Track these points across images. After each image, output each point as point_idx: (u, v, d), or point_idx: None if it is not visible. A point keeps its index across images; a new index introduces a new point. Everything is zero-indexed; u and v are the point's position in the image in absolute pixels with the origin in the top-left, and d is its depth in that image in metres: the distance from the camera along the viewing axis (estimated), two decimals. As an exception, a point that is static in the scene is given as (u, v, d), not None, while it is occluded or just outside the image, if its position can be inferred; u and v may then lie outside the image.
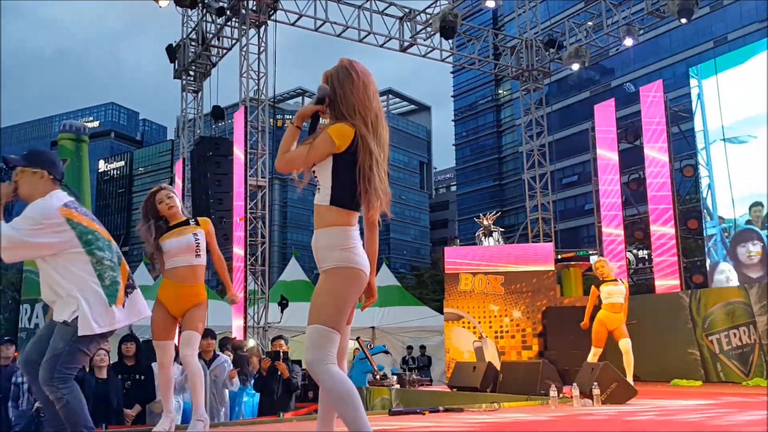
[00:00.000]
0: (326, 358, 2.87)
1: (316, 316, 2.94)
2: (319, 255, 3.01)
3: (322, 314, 2.93)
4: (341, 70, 3.10)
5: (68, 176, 10.33)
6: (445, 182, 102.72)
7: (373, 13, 16.71)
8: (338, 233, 2.99)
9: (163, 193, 4.84)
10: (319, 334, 2.90)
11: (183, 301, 4.66)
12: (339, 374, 2.88)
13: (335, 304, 2.95)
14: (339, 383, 2.85)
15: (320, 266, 3.01)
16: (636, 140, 15.40)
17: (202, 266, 4.78)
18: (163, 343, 4.68)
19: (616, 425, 5.36)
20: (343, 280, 2.96)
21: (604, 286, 8.66)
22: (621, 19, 16.95)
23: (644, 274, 15.86)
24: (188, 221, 4.86)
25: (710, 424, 5.25)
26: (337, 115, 3.06)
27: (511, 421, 5.70)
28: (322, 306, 2.95)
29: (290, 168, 3.08)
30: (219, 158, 14.40)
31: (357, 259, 2.99)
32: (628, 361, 8.21)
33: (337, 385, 2.84)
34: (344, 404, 2.82)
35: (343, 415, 2.84)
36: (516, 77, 19.45)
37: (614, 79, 53.16)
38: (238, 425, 5.76)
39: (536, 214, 18.15)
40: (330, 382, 2.85)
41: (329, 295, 2.96)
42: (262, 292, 14.44)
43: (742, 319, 10.39)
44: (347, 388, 2.84)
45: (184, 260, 4.70)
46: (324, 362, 2.87)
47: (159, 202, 4.81)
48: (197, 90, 17.90)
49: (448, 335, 12.01)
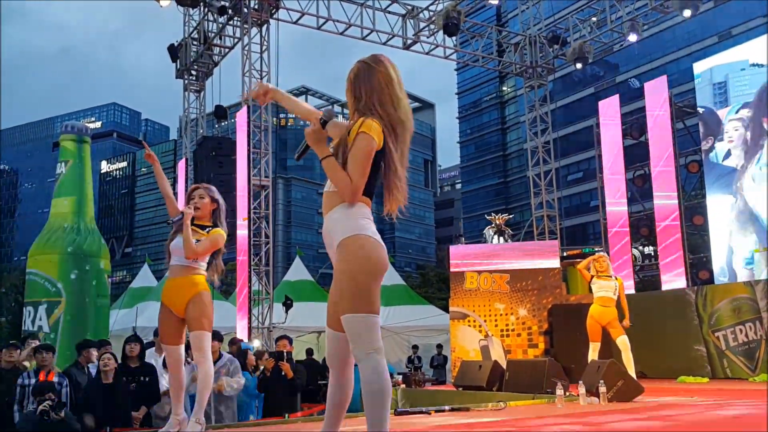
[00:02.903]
0: (372, 342, 2.72)
1: (347, 305, 2.75)
2: (334, 232, 2.86)
3: (353, 300, 2.74)
4: (363, 67, 3.03)
5: (70, 178, 10.33)
6: (450, 180, 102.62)
7: (376, 11, 16.68)
8: (358, 207, 2.88)
9: (196, 192, 4.91)
10: (356, 323, 2.74)
11: (180, 294, 4.63)
12: (381, 368, 2.73)
13: (359, 284, 2.76)
14: (377, 378, 2.71)
15: (335, 241, 2.86)
16: (641, 136, 15.34)
17: (200, 267, 4.75)
18: (170, 347, 4.66)
19: (623, 423, 5.31)
20: (359, 252, 2.78)
21: (598, 279, 8.60)
22: (625, 14, 16.89)
23: (650, 270, 15.80)
24: (208, 227, 4.85)
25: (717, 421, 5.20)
26: (361, 110, 2.96)
27: (517, 420, 5.66)
28: (349, 291, 2.77)
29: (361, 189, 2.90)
30: (222, 158, 14.38)
31: (375, 232, 2.86)
32: (628, 359, 8.12)
33: (375, 380, 2.70)
34: (374, 400, 2.70)
35: (369, 411, 2.72)
36: (520, 74, 19.40)
37: (619, 75, 52.96)
38: (242, 427, 5.73)
39: (541, 211, 18.10)
40: (368, 374, 2.71)
41: (348, 276, 2.78)
42: (266, 293, 14.41)
43: (749, 315, 10.33)
44: (385, 387, 2.71)
45: (180, 260, 4.71)
46: (370, 348, 2.71)
47: (191, 200, 4.86)
48: (199, 89, 17.88)
49: (454, 334, 11.96)
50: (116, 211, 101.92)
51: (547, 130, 18.56)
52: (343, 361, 2.95)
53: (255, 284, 14.21)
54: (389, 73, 3.01)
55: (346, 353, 2.89)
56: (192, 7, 16.41)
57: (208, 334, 4.66)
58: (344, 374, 2.99)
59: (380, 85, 2.97)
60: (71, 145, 10.46)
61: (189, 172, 16.69)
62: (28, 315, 9.80)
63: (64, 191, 10.32)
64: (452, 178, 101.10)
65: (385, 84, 2.98)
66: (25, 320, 9.88)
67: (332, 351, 2.98)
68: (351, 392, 3.03)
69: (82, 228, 10.11)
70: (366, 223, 2.87)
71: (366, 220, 2.88)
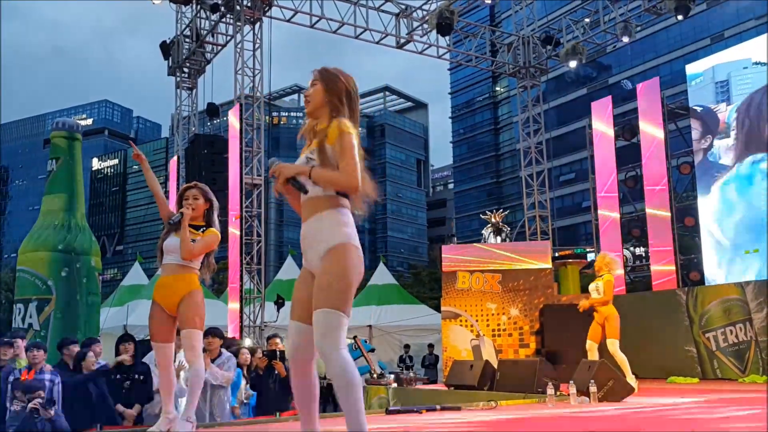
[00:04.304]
0: (338, 342, 2.82)
1: (324, 300, 2.87)
2: (321, 236, 2.98)
3: (331, 298, 2.87)
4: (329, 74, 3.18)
5: (61, 175, 10.27)
6: (443, 180, 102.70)
7: (369, 10, 16.65)
8: (343, 213, 3.03)
9: (190, 192, 4.87)
10: (330, 318, 2.85)
11: (173, 292, 4.61)
12: (350, 362, 2.83)
13: (343, 286, 2.90)
14: (350, 371, 2.81)
15: (320, 248, 2.97)
16: (633, 137, 15.37)
17: (193, 267, 4.74)
18: (160, 345, 4.62)
19: (613, 423, 5.32)
20: (349, 259, 2.93)
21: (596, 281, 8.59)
22: (618, 16, 16.93)
23: (641, 271, 15.85)
24: (202, 227, 4.83)
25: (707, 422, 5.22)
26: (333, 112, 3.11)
27: (508, 419, 5.67)
28: (328, 288, 2.89)
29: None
30: (214, 156, 14.36)
31: (357, 239, 3.01)
32: (621, 361, 8.09)
33: (348, 373, 2.80)
34: (349, 394, 2.79)
35: (345, 404, 2.80)
36: (513, 74, 19.42)
37: (611, 76, 53.14)
38: (234, 425, 5.71)
39: (534, 211, 18.13)
40: (341, 368, 2.80)
41: (336, 276, 2.91)
42: (258, 291, 14.39)
43: (739, 316, 10.38)
44: (357, 379, 2.81)
45: (175, 258, 4.68)
46: (336, 347, 2.81)
47: (185, 200, 4.83)
48: (192, 87, 17.83)
49: (446, 333, 11.96)
50: (107, 208, 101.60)
51: (540, 131, 18.58)
52: (311, 354, 3.03)
53: (247, 283, 14.18)
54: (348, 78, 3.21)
55: (313, 347, 2.97)
56: (184, 5, 16.37)
57: (199, 333, 4.65)
58: (309, 368, 3.07)
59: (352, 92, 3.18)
60: (62, 142, 10.40)
61: (181, 170, 16.64)
62: (18, 312, 9.74)
63: (55, 188, 10.26)
64: (445, 178, 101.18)
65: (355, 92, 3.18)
66: (15, 318, 9.82)
67: (299, 343, 3.05)
68: (318, 386, 3.10)
69: (72, 225, 10.06)
70: (353, 231, 3.03)
71: (352, 228, 3.03)
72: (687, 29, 44.24)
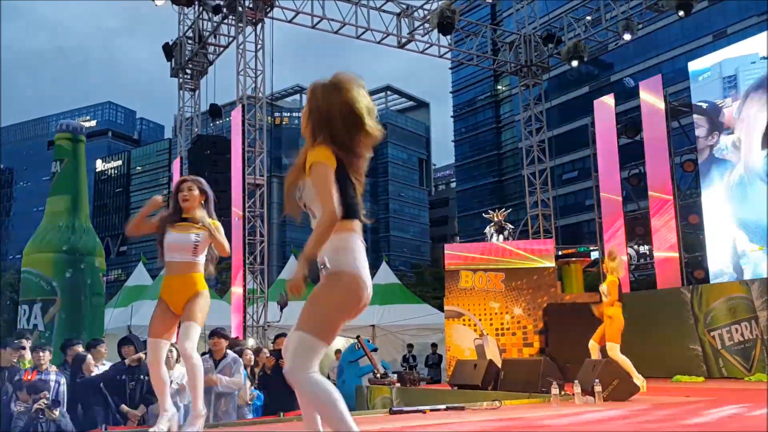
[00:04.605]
0: (307, 367, 2.77)
1: (304, 322, 2.83)
2: (324, 255, 2.90)
3: (311, 321, 2.82)
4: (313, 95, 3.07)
5: (65, 176, 10.30)
6: (445, 179, 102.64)
7: (371, 10, 16.65)
8: (346, 237, 2.92)
9: (184, 184, 4.84)
10: (303, 342, 2.80)
11: (180, 292, 4.61)
12: (319, 381, 2.78)
13: (327, 313, 2.85)
14: (320, 391, 2.77)
15: (323, 269, 2.91)
16: (636, 135, 15.33)
17: (200, 263, 4.73)
18: (155, 341, 4.57)
19: (618, 422, 5.31)
20: (341, 288, 2.85)
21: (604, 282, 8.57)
22: (620, 13, 16.91)
23: (645, 270, 15.80)
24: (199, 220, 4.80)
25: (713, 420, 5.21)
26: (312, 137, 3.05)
27: (512, 419, 5.66)
28: (312, 312, 2.85)
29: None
30: (216, 157, 14.38)
31: (359, 267, 2.89)
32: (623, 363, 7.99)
33: (318, 394, 2.77)
34: (328, 411, 2.76)
35: (328, 420, 2.78)
36: (515, 73, 19.40)
37: (613, 73, 53.01)
38: (237, 425, 5.72)
39: (536, 210, 18.11)
40: (310, 391, 2.78)
41: (323, 302, 2.85)
42: (261, 291, 14.39)
43: (744, 315, 10.35)
44: (328, 395, 2.75)
45: (181, 257, 4.68)
46: (303, 370, 2.77)
47: (179, 192, 4.81)
48: (194, 88, 17.84)
49: (449, 333, 11.96)
50: (111, 209, 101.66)
51: (542, 129, 18.56)
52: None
53: (250, 283, 14.19)
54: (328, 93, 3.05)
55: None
56: (187, 6, 16.37)
57: (198, 328, 4.62)
58: None
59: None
60: (66, 144, 10.44)
61: (184, 171, 16.67)
62: (23, 313, 9.77)
63: (59, 190, 10.30)
64: (447, 176, 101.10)
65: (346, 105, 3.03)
66: (20, 319, 9.85)
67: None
68: None
69: (77, 226, 10.09)
70: (352, 257, 2.89)
71: (353, 254, 2.90)
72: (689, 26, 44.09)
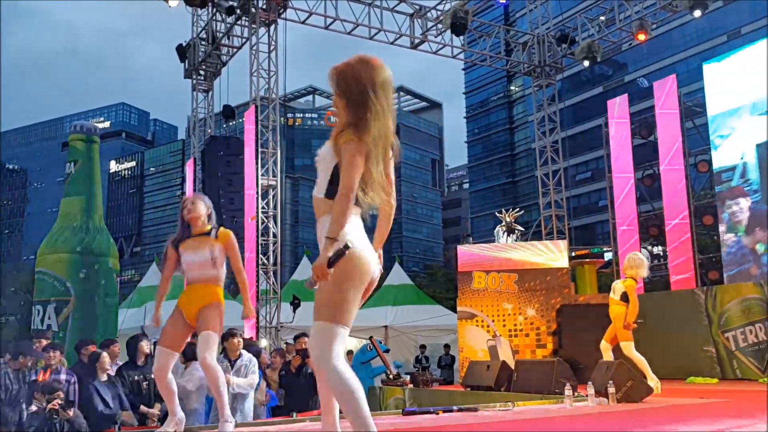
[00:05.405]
0: (332, 356, 2.81)
1: (317, 310, 2.89)
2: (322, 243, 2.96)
3: (323, 308, 2.88)
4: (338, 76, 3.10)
5: (79, 177, 10.36)
6: (458, 179, 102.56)
7: (384, 11, 16.66)
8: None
9: (186, 201, 4.91)
10: (320, 330, 2.86)
11: (196, 300, 4.64)
12: (346, 372, 2.82)
13: (335, 295, 2.88)
14: (345, 382, 2.80)
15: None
16: (650, 136, 15.26)
17: (220, 277, 4.79)
18: (165, 350, 4.59)
19: (631, 424, 5.28)
20: (342, 267, 2.86)
21: None
22: (633, 13, 16.82)
23: (659, 270, 15.72)
24: (209, 233, 4.83)
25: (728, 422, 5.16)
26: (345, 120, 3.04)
27: (526, 420, 5.63)
28: (322, 299, 2.90)
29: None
30: (230, 157, 14.42)
31: (356, 243, 2.92)
32: (639, 361, 7.95)
33: (343, 384, 2.80)
34: (348, 403, 2.79)
35: (347, 413, 2.81)
36: (528, 73, 19.35)
37: (627, 74, 52.78)
38: (246, 426, 5.72)
39: (549, 211, 18.05)
40: (336, 380, 2.81)
41: (329, 287, 2.88)
42: (274, 292, 14.42)
43: (758, 316, 10.25)
44: (353, 387, 2.79)
45: (200, 273, 4.74)
46: (329, 360, 2.81)
47: (183, 208, 4.87)
48: (208, 89, 17.91)
49: (462, 334, 11.93)
50: (125, 210, 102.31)
51: (556, 130, 18.49)
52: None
53: (263, 283, 14.23)
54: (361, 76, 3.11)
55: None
56: (200, 7, 16.44)
57: (217, 337, 4.67)
58: None
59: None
60: (80, 145, 10.51)
61: (197, 172, 16.73)
62: (37, 314, 9.84)
63: (73, 191, 10.36)
64: (460, 177, 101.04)
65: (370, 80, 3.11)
66: (34, 319, 9.92)
67: None
68: None
69: (90, 227, 10.15)
70: (352, 235, 2.92)
71: (352, 232, 2.93)
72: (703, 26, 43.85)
